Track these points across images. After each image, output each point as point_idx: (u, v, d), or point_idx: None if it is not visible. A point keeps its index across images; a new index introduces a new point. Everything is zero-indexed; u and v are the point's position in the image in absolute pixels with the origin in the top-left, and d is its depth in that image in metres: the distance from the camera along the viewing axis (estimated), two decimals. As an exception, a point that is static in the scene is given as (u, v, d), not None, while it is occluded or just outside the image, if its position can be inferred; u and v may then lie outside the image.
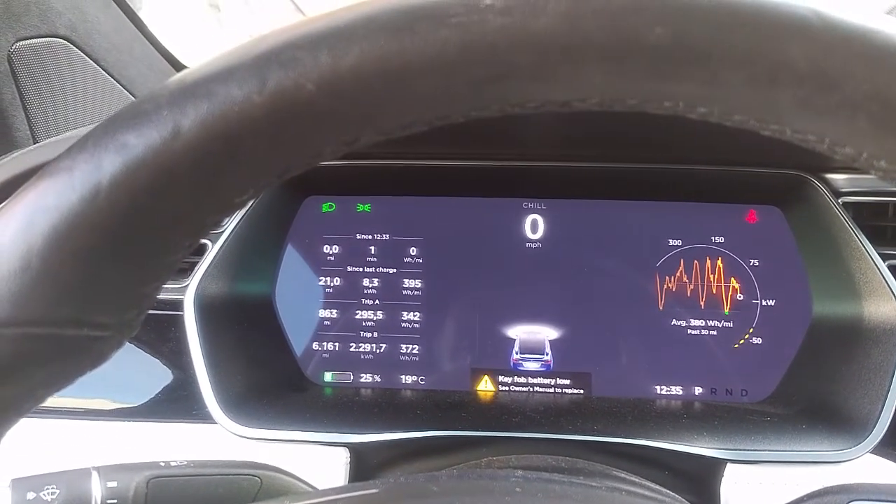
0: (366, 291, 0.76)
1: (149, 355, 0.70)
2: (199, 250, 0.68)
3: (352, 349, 0.76)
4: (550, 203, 0.75)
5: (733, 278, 0.74)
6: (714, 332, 0.74)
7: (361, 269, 0.76)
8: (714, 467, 0.62)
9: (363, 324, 0.76)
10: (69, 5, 0.78)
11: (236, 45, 0.21)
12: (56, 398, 0.25)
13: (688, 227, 0.74)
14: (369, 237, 0.77)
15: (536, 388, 0.75)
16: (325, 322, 0.77)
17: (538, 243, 0.75)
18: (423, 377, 0.76)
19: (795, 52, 0.19)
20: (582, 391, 0.74)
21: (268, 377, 0.72)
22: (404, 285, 0.76)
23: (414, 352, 0.76)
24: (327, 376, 0.76)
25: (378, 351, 0.76)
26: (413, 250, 0.76)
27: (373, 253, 0.76)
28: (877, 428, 0.61)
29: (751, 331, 0.73)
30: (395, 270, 0.76)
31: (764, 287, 0.73)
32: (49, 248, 0.20)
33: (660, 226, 0.75)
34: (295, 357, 0.76)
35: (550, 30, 0.19)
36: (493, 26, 0.19)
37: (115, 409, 0.70)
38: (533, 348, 0.75)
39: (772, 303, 0.73)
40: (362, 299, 0.76)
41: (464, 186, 0.75)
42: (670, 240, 0.74)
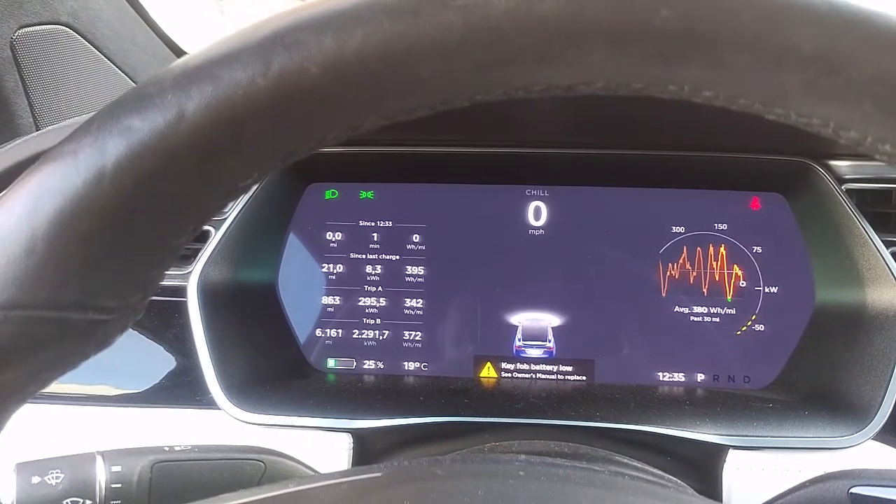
0: (369, 278, 0.76)
1: (153, 342, 0.71)
2: (203, 237, 0.68)
3: (355, 336, 0.77)
4: (553, 190, 0.75)
5: (736, 265, 0.74)
6: (717, 318, 0.74)
7: (364, 256, 0.76)
8: (716, 453, 0.63)
9: (366, 310, 0.76)
10: (71, -8, 0.77)
11: (240, 28, 0.21)
12: (61, 384, 0.25)
13: (691, 214, 0.74)
14: (372, 224, 0.76)
15: (539, 375, 0.75)
16: (329, 309, 0.77)
17: (541, 230, 0.75)
18: (425, 364, 0.76)
19: (801, 35, 0.18)
20: (584, 378, 0.75)
21: (271, 363, 0.72)
22: (407, 272, 0.76)
23: (417, 338, 0.76)
24: (330, 363, 0.77)
25: (381, 338, 0.76)
26: (416, 237, 0.76)
27: (376, 240, 0.76)
28: (879, 414, 0.61)
29: (753, 318, 0.73)
30: (397, 257, 0.76)
31: (767, 274, 0.73)
32: (53, 231, 0.20)
33: (663, 213, 0.74)
34: (298, 343, 0.76)
35: (555, 12, 0.19)
36: (498, 9, 0.19)
37: (120, 395, 0.70)
38: (536, 335, 0.75)
39: (775, 290, 0.73)
40: (365, 286, 0.76)
41: (467, 173, 0.75)
42: (673, 227, 0.74)
